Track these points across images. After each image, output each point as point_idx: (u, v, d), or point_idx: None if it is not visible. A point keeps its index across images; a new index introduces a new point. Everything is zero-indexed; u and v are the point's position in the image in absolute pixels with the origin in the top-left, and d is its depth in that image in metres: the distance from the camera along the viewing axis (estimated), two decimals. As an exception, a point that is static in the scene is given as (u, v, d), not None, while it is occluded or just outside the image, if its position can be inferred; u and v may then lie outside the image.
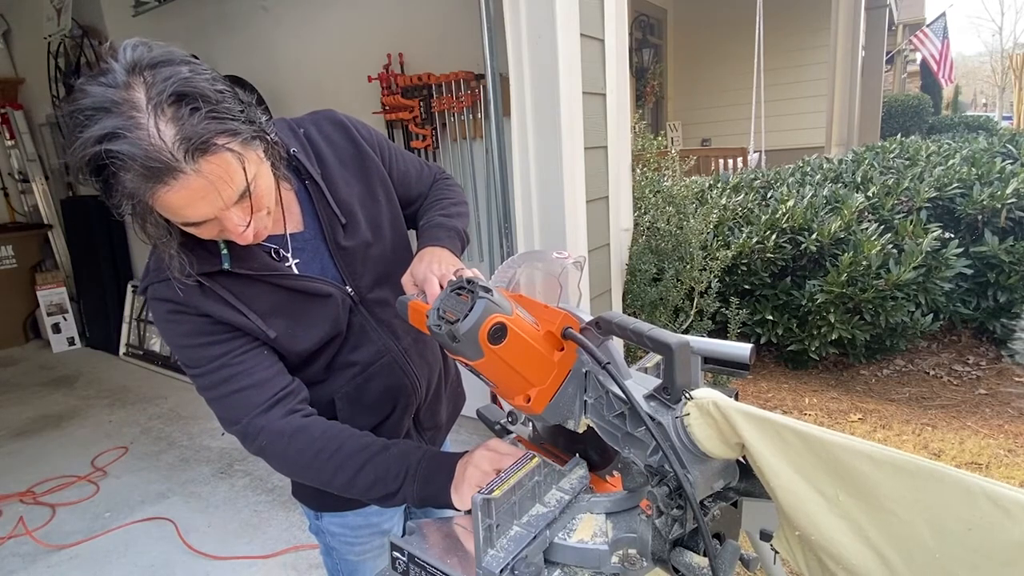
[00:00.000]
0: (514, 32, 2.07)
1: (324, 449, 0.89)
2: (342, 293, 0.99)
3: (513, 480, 0.68)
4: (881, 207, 3.61)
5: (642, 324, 0.65)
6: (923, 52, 11.31)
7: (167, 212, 0.77)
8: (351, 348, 1.02)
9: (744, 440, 0.54)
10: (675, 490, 0.59)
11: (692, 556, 0.61)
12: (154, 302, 0.91)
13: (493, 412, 1.00)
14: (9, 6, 5.28)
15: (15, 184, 5.70)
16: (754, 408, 0.54)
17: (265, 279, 0.92)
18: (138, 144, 0.70)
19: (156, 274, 0.90)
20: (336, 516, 1.15)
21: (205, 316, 0.90)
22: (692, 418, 0.59)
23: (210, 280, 0.89)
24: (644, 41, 8.21)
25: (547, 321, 0.72)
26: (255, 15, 3.64)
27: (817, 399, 3.38)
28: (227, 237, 0.84)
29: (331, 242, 0.99)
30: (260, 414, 0.91)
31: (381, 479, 0.88)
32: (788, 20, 7.79)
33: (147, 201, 0.75)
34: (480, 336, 0.67)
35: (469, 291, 0.69)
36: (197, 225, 0.80)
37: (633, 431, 0.66)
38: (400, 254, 1.08)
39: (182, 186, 0.73)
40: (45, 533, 2.65)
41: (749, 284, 3.55)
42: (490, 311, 0.67)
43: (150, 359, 4.69)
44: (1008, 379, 3.47)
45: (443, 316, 0.70)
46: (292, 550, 2.41)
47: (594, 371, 0.70)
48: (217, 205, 0.78)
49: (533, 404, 0.71)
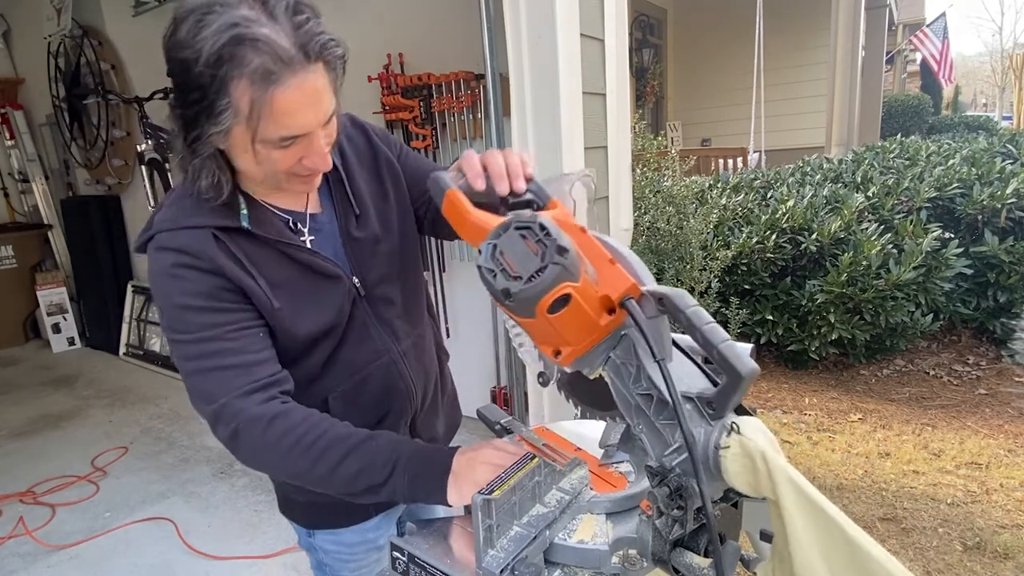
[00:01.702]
0: (514, 32, 2.07)
1: (305, 435, 0.84)
2: (348, 282, 0.98)
3: (513, 480, 0.68)
4: (881, 207, 3.61)
5: (716, 330, 0.56)
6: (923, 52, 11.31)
7: (278, 117, 0.77)
8: (350, 344, 1.00)
9: (781, 505, 0.53)
10: (675, 491, 0.59)
11: (692, 557, 0.61)
12: (161, 252, 0.86)
13: (493, 412, 1.00)
14: (9, 6, 5.28)
15: (15, 184, 5.70)
16: (805, 483, 0.52)
17: (279, 247, 0.91)
18: (269, 35, 0.74)
19: (171, 222, 0.87)
20: (330, 534, 1.11)
21: (216, 275, 0.86)
22: (731, 452, 0.56)
23: (226, 235, 0.87)
24: (644, 41, 8.21)
25: (608, 280, 0.61)
26: (255, 15, 3.64)
27: (817, 399, 3.38)
28: (308, 164, 0.85)
29: (344, 230, 0.99)
30: (240, 397, 0.85)
31: (366, 469, 0.83)
32: (788, 20, 7.79)
33: (263, 101, 0.75)
34: (540, 305, 0.57)
35: (540, 241, 0.57)
36: (289, 143, 0.81)
37: (655, 419, 0.61)
38: (407, 259, 1.06)
39: (300, 83, 0.76)
40: (45, 533, 2.65)
41: (749, 284, 3.55)
42: (561, 279, 0.56)
43: (150, 359, 4.69)
44: (1008, 379, 3.47)
45: (501, 263, 0.58)
46: (292, 550, 2.41)
47: (640, 353, 0.61)
48: (318, 118, 0.81)
49: (563, 359, 0.64)
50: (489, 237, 0.60)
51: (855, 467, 2.74)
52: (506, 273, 0.58)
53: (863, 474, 2.69)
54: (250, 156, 0.82)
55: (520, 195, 0.78)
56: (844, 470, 2.72)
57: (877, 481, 2.63)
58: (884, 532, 2.31)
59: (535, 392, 2.24)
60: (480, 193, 0.77)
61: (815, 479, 2.66)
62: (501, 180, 0.77)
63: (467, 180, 0.78)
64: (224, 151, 0.84)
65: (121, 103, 4.27)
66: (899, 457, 2.79)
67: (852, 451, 2.87)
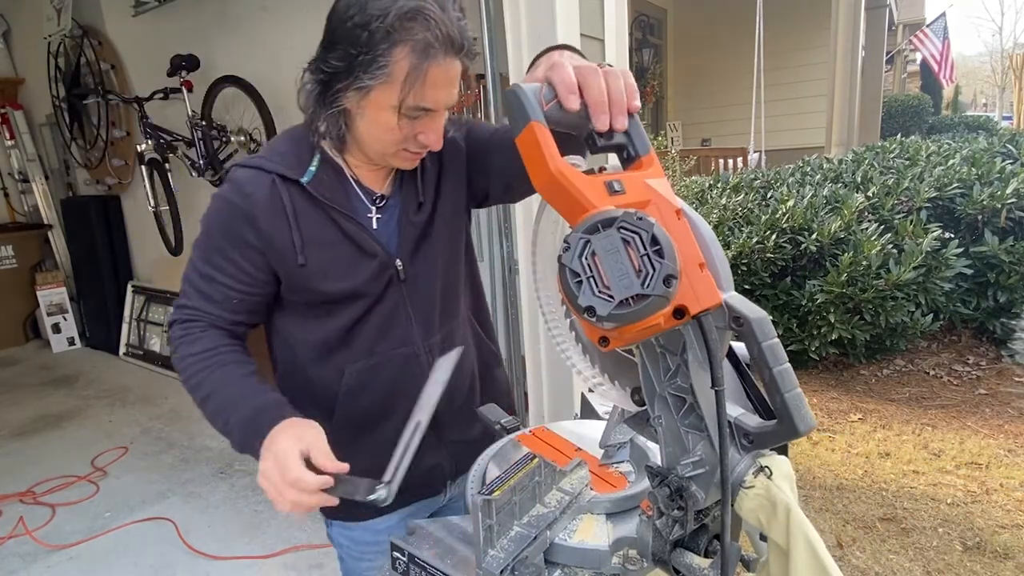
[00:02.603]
0: (514, 32, 2.07)
1: (192, 366, 0.96)
2: (389, 262, 1.01)
3: (513, 480, 0.68)
4: (881, 207, 3.61)
5: (788, 375, 0.50)
6: (923, 52, 11.31)
7: (424, 88, 0.88)
8: (375, 323, 1.03)
9: (791, 559, 0.54)
10: (676, 492, 0.59)
11: (693, 557, 0.61)
12: (228, 181, 0.99)
13: (494, 412, 1.00)
14: (9, 6, 5.28)
15: (15, 184, 5.70)
16: (820, 543, 0.53)
17: (328, 210, 0.98)
18: (440, 18, 0.85)
19: (251, 159, 0.99)
20: (343, 528, 1.14)
21: (247, 223, 0.95)
22: (754, 491, 0.55)
23: (284, 184, 0.96)
24: (644, 41, 8.22)
25: (694, 287, 0.50)
26: (255, 15, 3.64)
27: (817, 399, 3.38)
28: (423, 139, 0.94)
29: (403, 213, 1.04)
30: (201, 322, 0.99)
31: (216, 415, 0.93)
32: (788, 20, 7.79)
33: (420, 70, 0.86)
34: (625, 331, 0.50)
35: (646, 258, 0.47)
36: (419, 115, 0.91)
37: (680, 422, 0.58)
38: (452, 254, 1.10)
39: (449, 66, 0.88)
40: (45, 533, 2.65)
41: (749, 284, 3.55)
42: (657, 309, 0.48)
43: (150, 359, 4.69)
44: (1008, 379, 3.47)
45: (591, 269, 0.49)
46: (292, 550, 2.41)
47: (691, 358, 0.54)
48: (448, 100, 0.92)
49: (607, 347, 0.55)
50: (582, 227, 0.49)
51: (855, 467, 2.74)
52: (594, 284, 0.48)
53: (863, 474, 2.69)
54: (380, 119, 0.91)
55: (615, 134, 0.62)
56: (844, 470, 2.72)
57: (877, 481, 2.63)
58: (884, 532, 2.31)
59: (535, 392, 2.24)
60: (562, 116, 0.62)
61: (815, 479, 2.67)
62: (600, 112, 0.61)
63: (557, 100, 0.61)
64: (348, 111, 0.94)
65: (121, 103, 4.27)
66: (899, 457, 2.79)
67: (852, 451, 2.87)
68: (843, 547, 2.24)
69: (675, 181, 3.36)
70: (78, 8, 4.37)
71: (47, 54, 4.64)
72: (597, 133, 0.62)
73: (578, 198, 0.54)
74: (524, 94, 0.58)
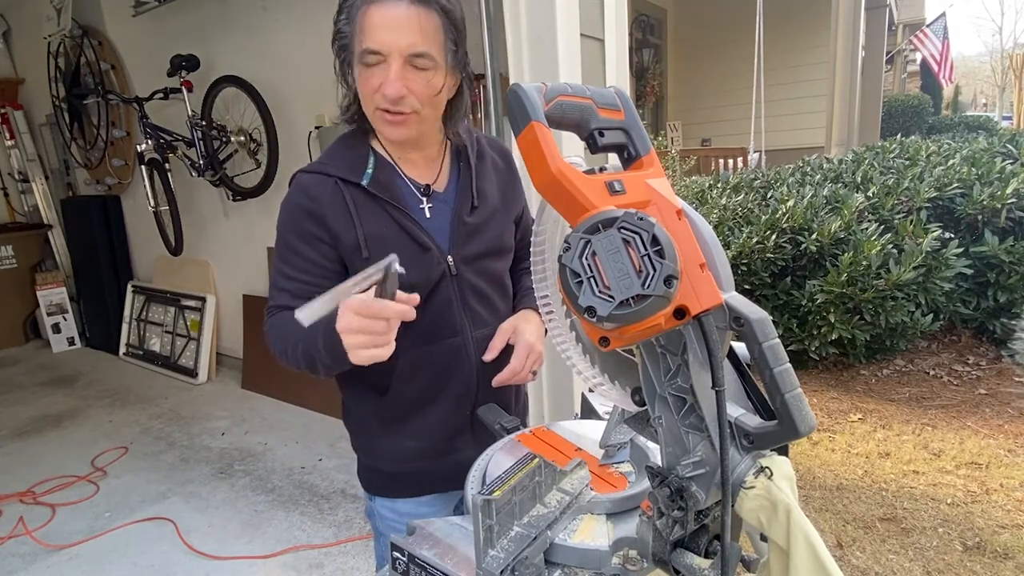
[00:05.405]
0: (514, 32, 2.07)
1: (287, 325, 1.01)
2: (442, 257, 1.09)
3: (514, 480, 0.68)
4: (881, 207, 3.61)
5: (788, 375, 0.50)
6: (923, 52, 11.31)
7: (365, 31, 0.95)
8: (430, 313, 1.08)
9: (791, 559, 0.54)
10: (676, 492, 0.59)
11: (693, 557, 0.61)
12: (293, 187, 1.08)
13: (494, 412, 1.00)
14: (9, 6, 5.28)
15: (15, 184, 5.70)
16: (820, 544, 0.53)
17: (387, 208, 1.06)
18: None
19: (314, 164, 1.08)
20: (387, 501, 1.20)
21: (316, 221, 1.04)
22: (754, 492, 0.55)
23: (345, 186, 1.05)
24: (644, 41, 8.21)
25: (695, 288, 0.51)
26: (255, 15, 3.64)
27: (817, 399, 3.38)
28: (385, 91, 0.97)
29: (457, 212, 1.12)
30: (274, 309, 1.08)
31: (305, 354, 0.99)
32: (788, 20, 7.79)
33: (360, 15, 0.95)
34: (626, 331, 0.51)
35: (647, 258, 0.48)
36: (371, 60, 0.96)
37: (680, 422, 0.57)
38: (500, 261, 1.19)
39: (392, 7, 0.94)
40: (45, 533, 2.65)
41: (749, 284, 3.55)
42: (658, 310, 0.49)
43: (150, 359, 4.69)
44: (1008, 379, 3.47)
45: (591, 269, 0.49)
46: (292, 550, 2.41)
47: (691, 358, 0.54)
48: (398, 43, 0.94)
49: (609, 347, 0.56)
50: (582, 227, 0.50)
51: (855, 467, 2.74)
52: (595, 284, 0.49)
53: (863, 474, 2.69)
54: (359, 77, 0.99)
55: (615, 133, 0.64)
56: (844, 470, 2.72)
57: (877, 481, 2.63)
58: (884, 532, 2.31)
59: (535, 392, 2.24)
60: (563, 116, 0.63)
61: (815, 479, 2.67)
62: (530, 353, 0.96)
63: None
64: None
65: (121, 103, 4.27)
66: (899, 457, 2.79)
67: (852, 451, 2.87)
68: (843, 547, 2.24)
69: (675, 181, 3.36)
70: (78, 8, 4.37)
71: (47, 54, 4.64)
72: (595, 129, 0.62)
73: (579, 198, 0.54)
74: (525, 94, 0.58)
